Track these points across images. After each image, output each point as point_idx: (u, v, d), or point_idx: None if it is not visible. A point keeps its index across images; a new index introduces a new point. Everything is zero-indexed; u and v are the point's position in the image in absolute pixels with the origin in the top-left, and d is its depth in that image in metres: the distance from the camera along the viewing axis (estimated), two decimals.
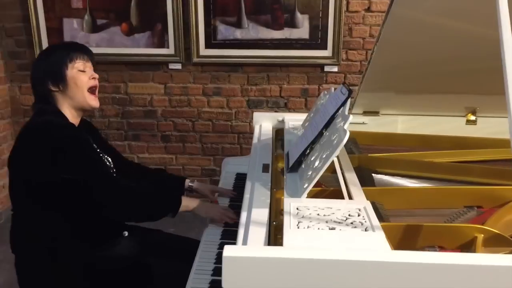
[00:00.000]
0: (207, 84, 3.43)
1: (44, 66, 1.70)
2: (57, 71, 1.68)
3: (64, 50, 1.72)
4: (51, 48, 1.80)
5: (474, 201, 1.59)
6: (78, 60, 1.71)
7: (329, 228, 1.19)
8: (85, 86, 1.71)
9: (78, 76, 1.70)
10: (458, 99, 2.22)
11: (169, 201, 1.72)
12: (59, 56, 1.70)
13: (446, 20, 1.71)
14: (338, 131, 1.42)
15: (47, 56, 1.73)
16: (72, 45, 1.77)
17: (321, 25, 3.20)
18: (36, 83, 1.71)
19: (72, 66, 1.69)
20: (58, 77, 1.68)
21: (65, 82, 1.68)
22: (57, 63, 1.68)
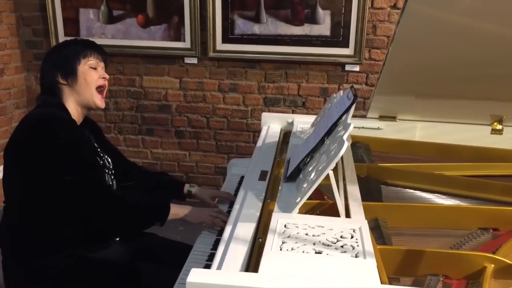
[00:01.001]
0: (223, 80, 3.33)
1: (56, 57, 1.67)
2: (69, 64, 1.65)
3: (79, 45, 1.69)
4: (67, 41, 1.75)
5: (490, 222, 1.44)
6: (92, 57, 1.67)
7: (316, 251, 1.07)
8: (94, 84, 1.68)
9: (89, 72, 1.67)
10: (483, 106, 2.05)
11: (157, 211, 1.65)
12: (73, 50, 1.67)
13: (470, 20, 1.56)
14: (337, 140, 1.29)
15: (61, 48, 1.71)
16: (89, 42, 1.73)
17: (343, 21, 3.04)
18: (45, 73, 1.67)
19: (85, 62, 1.66)
20: (69, 70, 1.64)
21: (75, 76, 1.65)
22: (70, 56, 1.66)
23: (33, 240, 1.60)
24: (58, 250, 1.60)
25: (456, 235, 1.41)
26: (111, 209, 1.59)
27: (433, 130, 2.15)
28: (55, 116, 1.59)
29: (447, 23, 1.57)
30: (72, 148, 1.56)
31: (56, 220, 1.59)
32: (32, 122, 1.59)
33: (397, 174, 1.75)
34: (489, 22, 1.56)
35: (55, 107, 1.62)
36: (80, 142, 1.61)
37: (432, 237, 1.41)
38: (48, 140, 1.54)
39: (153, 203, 1.68)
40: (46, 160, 1.54)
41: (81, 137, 1.64)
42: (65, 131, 1.57)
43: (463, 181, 1.69)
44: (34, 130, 1.57)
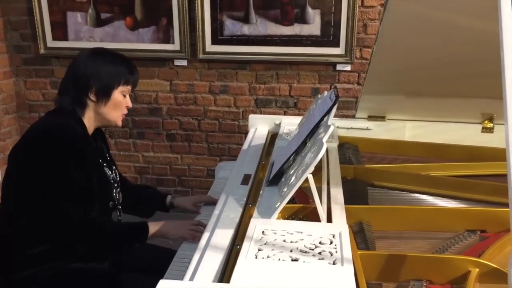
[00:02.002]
0: (213, 81, 3.29)
1: (98, 70, 1.57)
2: (107, 86, 1.58)
3: (125, 68, 1.61)
4: (112, 55, 1.65)
5: (477, 224, 1.40)
6: (129, 85, 1.63)
7: (292, 259, 1.03)
8: (120, 111, 1.64)
9: (121, 100, 1.62)
10: (474, 104, 2.01)
11: (136, 235, 1.63)
12: (117, 72, 1.59)
13: (456, 16, 1.53)
14: (317, 143, 1.25)
15: (105, 62, 1.59)
16: (131, 65, 1.65)
17: (333, 21, 3.00)
18: (80, 82, 1.58)
19: (121, 88, 1.61)
20: (105, 92, 1.58)
21: (108, 100, 1.59)
22: (112, 78, 1.58)
23: (17, 251, 1.56)
24: (40, 263, 1.55)
25: (443, 238, 1.38)
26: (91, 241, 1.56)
27: (423, 129, 2.12)
28: (72, 132, 1.53)
29: (432, 20, 1.54)
30: (79, 175, 1.52)
31: (43, 234, 1.53)
32: (49, 134, 1.52)
33: (384, 176, 1.72)
34: (475, 18, 1.52)
35: (73, 120, 1.57)
36: (90, 166, 1.57)
37: (418, 240, 1.38)
38: (56, 162, 1.49)
39: (131, 227, 1.64)
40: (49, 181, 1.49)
41: (91, 159, 1.59)
42: (77, 154, 1.52)
43: (451, 182, 1.66)
44: (39, 144, 1.51)
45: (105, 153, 1.75)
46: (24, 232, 1.54)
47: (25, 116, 3.53)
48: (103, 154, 1.73)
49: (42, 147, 1.50)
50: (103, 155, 1.73)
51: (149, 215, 1.90)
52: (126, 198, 1.83)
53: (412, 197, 1.64)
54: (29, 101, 3.50)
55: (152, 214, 1.91)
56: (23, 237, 1.55)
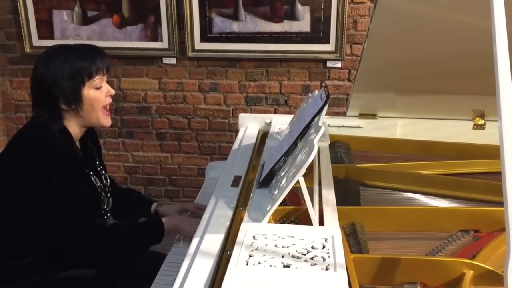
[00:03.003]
0: (203, 79, 3.25)
1: (56, 79, 1.45)
2: (72, 90, 1.46)
3: (81, 61, 1.46)
4: (64, 54, 1.48)
5: (471, 223, 1.39)
6: (97, 76, 1.49)
7: (284, 265, 1.01)
8: (101, 106, 1.53)
9: (95, 95, 1.50)
10: (465, 101, 2.00)
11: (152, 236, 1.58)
12: (76, 71, 1.45)
13: (446, 12, 1.51)
14: (308, 144, 1.23)
15: (60, 65, 1.45)
16: (91, 55, 1.50)
17: (323, 17, 2.97)
18: (44, 96, 1.48)
19: (89, 84, 1.48)
20: (73, 98, 1.47)
21: (81, 103, 1.48)
22: (73, 80, 1.45)
23: (5, 264, 1.51)
24: (31, 275, 1.51)
25: (436, 238, 1.36)
26: (103, 250, 1.51)
27: (414, 127, 2.10)
28: (52, 149, 1.44)
29: (423, 16, 1.52)
30: (68, 188, 1.45)
31: (30, 239, 1.48)
32: (30, 151, 1.45)
33: (376, 175, 1.70)
34: (465, 15, 1.50)
35: (56, 132, 1.48)
36: (75, 178, 1.49)
37: (411, 241, 1.36)
38: (43, 178, 1.42)
39: (146, 227, 1.61)
40: (39, 198, 1.42)
41: (77, 171, 1.52)
42: (60, 169, 1.44)
43: (443, 180, 1.64)
44: (29, 161, 1.43)
45: (94, 159, 1.68)
46: (14, 243, 1.50)
47: (11, 116, 3.47)
48: (92, 161, 1.65)
49: (23, 167, 1.43)
50: (91, 163, 1.65)
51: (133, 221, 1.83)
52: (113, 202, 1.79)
53: (405, 197, 1.62)
54: (16, 101, 3.44)
55: (137, 220, 1.82)
56: (13, 248, 1.50)
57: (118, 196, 1.80)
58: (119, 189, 1.90)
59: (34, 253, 1.49)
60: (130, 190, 1.96)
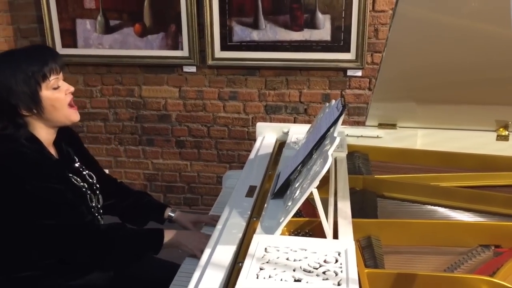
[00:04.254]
0: (222, 88, 3.26)
1: (10, 88, 1.41)
2: (29, 96, 1.42)
3: (32, 65, 1.42)
4: (14, 60, 1.44)
5: (492, 239, 1.34)
6: (51, 76, 1.45)
7: (295, 279, 0.99)
8: (64, 105, 1.49)
9: (54, 96, 1.47)
10: (488, 111, 1.95)
11: (149, 244, 1.55)
12: (29, 75, 1.42)
13: (467, 21, 1.48)
14: (322, 155, 1.21)
15: (12, 73, 1.41)
16: (41, 56, 1.46)
17: (343, 26, 2.95)
18: (2, 106, 1.43)
19: (46, 85, 1.45)
20: (32, 103, 1.44)
21: (41, 106, 1.45)
22: (28, 85, 1.42)
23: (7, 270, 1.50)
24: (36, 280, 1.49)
25: (455, 253, 1.32)
26: (98, 250, 1.48)
27: (435, 137, 2.05)
28: (21, 156, 1.42)
29: (443, 25, 1.48)
30: (44, 191, 1.42)
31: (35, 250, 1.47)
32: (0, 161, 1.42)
33: (394, 186, 1.66)
34: (488, 23, 1.47)
35: (23, 140, 1.45)
36: (53, 180, 1.45)
37: (429, 256, 1.32)
38: (16, 187, 1.39)
39: (146, 235, 1.57)
40: (17, 206, 1.41)
41: (53, 174, 1.47)
42: (34, 174, 1.41)
43: (464, 193, 1.59)
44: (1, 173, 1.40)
45: (72, 160, 1.63)
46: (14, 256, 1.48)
47: None
48: (69, 163, 1.61)
49: (4, 179, 1.40)
50: (69, 165, 1.60)
51: (142, 225, 1.80)
52: (121, 202, 1.78)
53: (424, 209, 1.59)
54: None
55: (145, 224, 1.80)
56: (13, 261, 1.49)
57: (127, 198, 1.79)
58: (130, 190, 1.88)
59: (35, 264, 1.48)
60: (140, 193, 1.92)
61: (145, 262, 1.62)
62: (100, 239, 1.49)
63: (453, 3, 1.41)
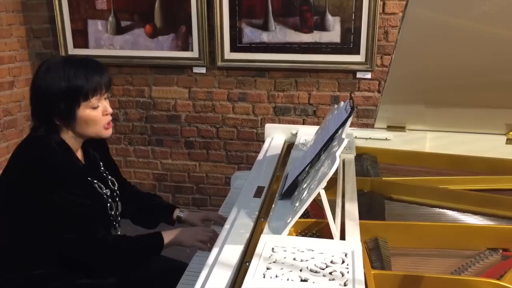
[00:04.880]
0: (232, 89, 3.27)
1: (51, 95, 1.42)
2: (65, 110, 1.44)
3: (78, 79, 1.42)
4: (64, 68, 1.43)
5: (500, 242, 1.34)
6: (93, 97, 1.46)
7: (301, 279, 0.99)
8: (98, 124, 1.50)
9: (90, 115, 1.47)
10: (498, 114, 1.94)
11: (150, 248, 1.59)
12: (72, 90, 1.42)
13: (478, 24, 1.47)
14: (330, 157, 1.21)
15: (57, 81, 1.42)
16: (89, 72, 1.44)
17: (353, 28, 2.96)
18: (40, 109, 1.47)
19: (85, 105, 1.45)
20: (67, 115, 1.45)
21: (74, 121, 1.46)
22: (67, 99, 1.42)
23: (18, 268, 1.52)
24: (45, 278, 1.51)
25: (463, 256, 1.32)
26: (106, 262, 1.53)
27: (444, 140, 2.05)
28: (51, 164, 1.43)
29: (453, 28, 1.48)
30: (69, 203, 1.44)
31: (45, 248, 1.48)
32: (29, 167, 1.44)
33: (402, 189, 1.66)
34: (498, 26, 1.46)
35: (53, 144, 1.47)
36: (78, 192, 1.47)
37: (436, 258, 1.32)
38: (43, 195, 1.41)
39: (146, 240, 1.59)
40: (41, 214, 1.42)
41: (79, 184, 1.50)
42: (62, 184, 1.43)
43: (473, 196, 1.59)
44: (29, 179, 1.42)
45: (98, 165, 1.66)
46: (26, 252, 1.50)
47: None
48: (95, 168, 1.64)
49: (25, 185, 1.42)
50: (95, 170, 1.63)
51: (152, 227, 1.83)
52: (131, 206, 1.80)
53: (432, 212, 1.58)
54: None
55: (156, 226, 1.83)
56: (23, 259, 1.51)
57: (137, 201, 1.82)
58: (139, 193, 1.90)
59: (49, 263, 1.51)
60: (150, 195, 1.94)
61: (153, 261, 1.63)
62: (107, 254, 1.53)
63: (464, 5, 1.40)
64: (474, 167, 1.92)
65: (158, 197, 1.93)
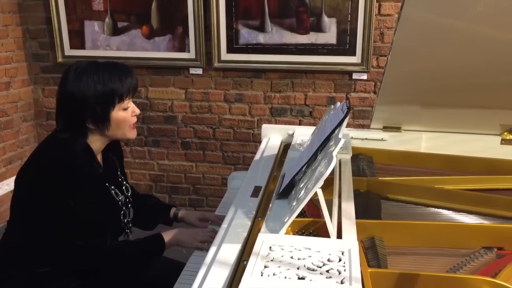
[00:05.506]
0: (228, 90, 3.28)
1: (86, 99, 1.43)
2: (102, 112, 1.46)
3: (112, 82, 1.45)
4: (97, 72, 1.45)
5: (494, 241, 1.35)
6: (127, 98, 1.50)
7: (299, 277, 1.00)
8: (127, 125, 1.53)
9: (122, 116, 1.50)
10: (492, 115, 1.96)
11: (152, 250, 1.60)
12: (108, 93, 1.45)
13: (473, 25, 1.49)
14: (327, 156, 1.22)
15: (93, 84, 1.44)
16: (123, 76, 1.48)
17: (349, 29, 2.97)
18: (71, 113, 1.46)
19: (119, 106, 1.49)
20: (102, 118, 1.47)
21: (108, 123, 1.49)
22: (104, 101, 1.45)
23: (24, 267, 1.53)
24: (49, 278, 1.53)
25: (458, 255, 1.33)
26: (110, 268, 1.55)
27: (439, 140, 2.07)
28: (72, 168, 1.44)
29: (447, 29, 1.49)
30: (83, 210, 1.46)
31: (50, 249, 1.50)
32: (49, 169, 1.44)
33: (398, 189, 1.67)
34: (493, 27, 1.48)
35: (77, 149, 1.48)
36: (94, 198, 1.50)
37: (432, 257, 1.34)
38: (59, 198, 1.42)
39: (147, 242, 1.60)
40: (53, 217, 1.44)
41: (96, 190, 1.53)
42: (78, 190, 1.45)
43: (468, 196, 1.60)
44: (48, 180, 1.43)
45: (116, 170, 1.68)
46: (31, 251, 1.52)
47: (42, 123, 3.57)
48: (113, 174, 1.66)
49: (43, 186, 1.43)
50: (112, 176, 1.65)
51: (151, 228, 1.84)
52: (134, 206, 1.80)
53: (427, 212, 1.60)
54: (47, 109, 3.54)
55: (154, 227, 1.84)
56: (30, 256, 1.52)
57: (136, 203, 1.82)
58: (137, 196, 1.89)
59: (54, 262, 1.52)
60: (147, 196, 1.95)
61: (152, 261, 1.64)
62: (111, 261, 1.54)
63: (459, 7, 1.42)
64: (469, 167, 1.93)
65: (154, 198, 1.95)
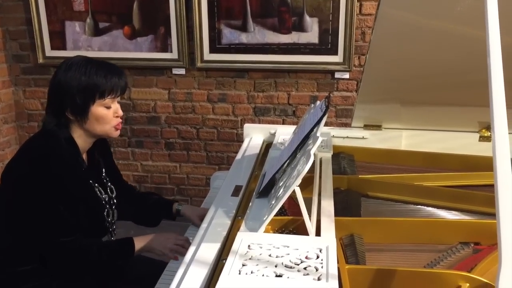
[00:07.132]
0: (212, 90, 3.28)
1: (69, 89, 1.46)
2: (82, 103, 1.48)
3: (97, 78, 1.47)
4: (86, 65, 1.49)
5: (471, 236, 1.37)
6: (109, 96, 1.50)
7: (276, 274, 1.01)
8: (107, 124, 1.53)
9: (102, 114, 1.51)
10: (471, 112, 1.98)
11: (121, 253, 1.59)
12: (90, 87, 1.47)
13: (449, 24, 1.51)
14: (305, 154, 1.23)
15: (78, 76, 1.46)
16: (109, 74, 1.50)
17: (331, 29, 2.99)
18: (55, 102, 1.51)
19: (100, 102, 1.50)
20: (80, 109, 1.49)
21: (86, 116, 1.50)
22: (85, 94, 1.47)
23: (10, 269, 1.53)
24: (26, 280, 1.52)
25: (436, 250, 1.35)
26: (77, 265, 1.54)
27: (419, 138, 2.09)
28: (58, 156, 1.47)
29: (424, 28, 1.52)
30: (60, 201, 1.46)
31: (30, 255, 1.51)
32: (35, 159, 1.47)
33: (378, 186, 1.69)
34: (468, 27, 1.50)
35: (62, 140, 1.50)
36: (80, 189, 1.52)
37: (410, 253, 1.35)
38: (43, 192, 1.44)
39: (117, 245, 1.61)
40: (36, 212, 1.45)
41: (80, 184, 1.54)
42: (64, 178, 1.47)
43: (446, 192, 1.63)
44: (34, 171, 1.45)
45: (100, 171, 1.69)
46: (12, 249, 1.52)
47: (24, 125, 3.53)
48: (97, 173, 1.66)
49: (27, 179, 1.45)
50: (97, 175, 1.66)
51: (155, 224, 1.85)
52: (131, 207, 1.82)
53: (407, 208, 1.62)
54: (28, 110, 3.50)
55: (158, 223, 1.85)
56: (11, 254, 1.52)
57: (137, 201, 1.84)
58: (138, 194, 1.93)
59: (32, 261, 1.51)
60: (149, 193, 1.99)
61: (134, 259, 1.63)
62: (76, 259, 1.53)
63: (434, 6, 1.44)
64: (449, 164, 1.96)
65: (156, 195, 1.96)
